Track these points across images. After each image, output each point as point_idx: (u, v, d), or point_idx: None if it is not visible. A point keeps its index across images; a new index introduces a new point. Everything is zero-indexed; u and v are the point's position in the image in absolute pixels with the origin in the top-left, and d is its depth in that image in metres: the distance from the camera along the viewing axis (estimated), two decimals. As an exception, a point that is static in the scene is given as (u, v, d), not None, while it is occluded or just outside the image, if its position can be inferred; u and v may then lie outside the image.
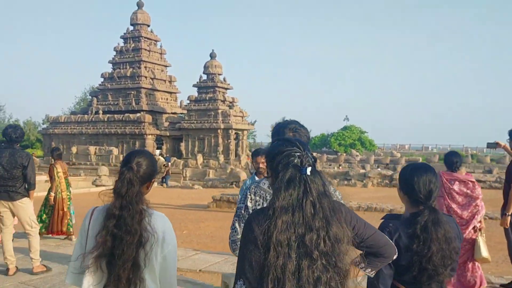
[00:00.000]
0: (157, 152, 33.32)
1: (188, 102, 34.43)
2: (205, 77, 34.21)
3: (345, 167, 29.68)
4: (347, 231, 1.76)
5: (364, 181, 24.29)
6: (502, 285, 5.68)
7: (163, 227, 2.18)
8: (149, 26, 37.34)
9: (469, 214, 5.15)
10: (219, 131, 32.29)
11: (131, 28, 36.91)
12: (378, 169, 28.55)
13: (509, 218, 5.57)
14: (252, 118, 62.42)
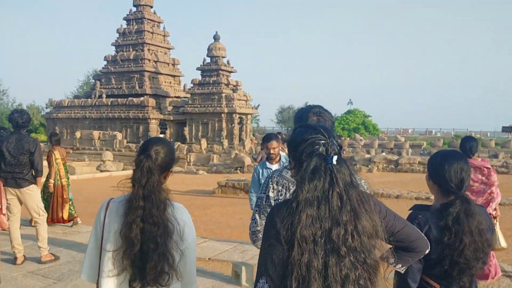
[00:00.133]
0: (161, 136, 33.22)
1: (192, 85, 34.20)
2: (208, 60, 33.91)
3: (349, 152, 29.51)
4: (377, 224, 1.66)
5: (369, 166, 24.19)
6: None
7: (184, 219, 2.11)
8: (152, 7, 36.91)
9: (484, 201, 5.04)
10: (223, 115, 32.15)
11: (134, 9, 36.51)
12: (383, 153, 28.41)
13: None
14: (255, 102, 62.21)
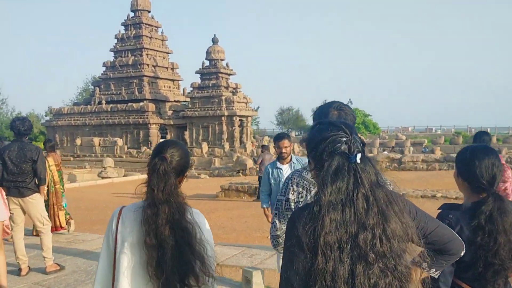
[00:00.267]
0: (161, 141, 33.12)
1: (191, 89, 34.13)
2: (207, 63, 33.87)
3: (351, 152, 29.30)
4: (407, 227, 1.51)
5: (373, 165, 24.02)
6: None
7: (201, 224, 1.97)
8: (149, 12, 36.92)
9: None
10: (223, 118, 32.04)
11: (132, 14, 36.49)
12: (385, 152, 28.30)
13: None
14: (255, 105, 62.11)
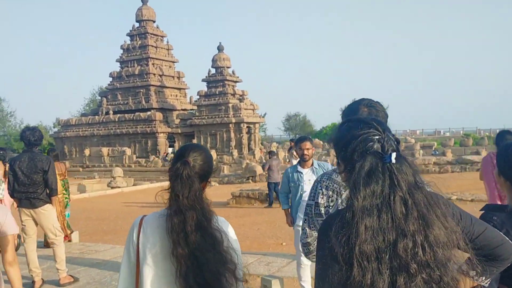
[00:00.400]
0: (170, 150, 33.13)
1: (198, 97, 34.13)
2: (213, 71, 33.89)
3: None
4: (451, 232, 1.33)
5: (383, 169, 23.80)
6: None
7: (228, 232, 1.84)
8: (154, 21, 37.09)
9: None
10: (230, 125, 31.97)
11: (137, 25, 36.66)
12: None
13: None
14: (261, 111, 62.05)
